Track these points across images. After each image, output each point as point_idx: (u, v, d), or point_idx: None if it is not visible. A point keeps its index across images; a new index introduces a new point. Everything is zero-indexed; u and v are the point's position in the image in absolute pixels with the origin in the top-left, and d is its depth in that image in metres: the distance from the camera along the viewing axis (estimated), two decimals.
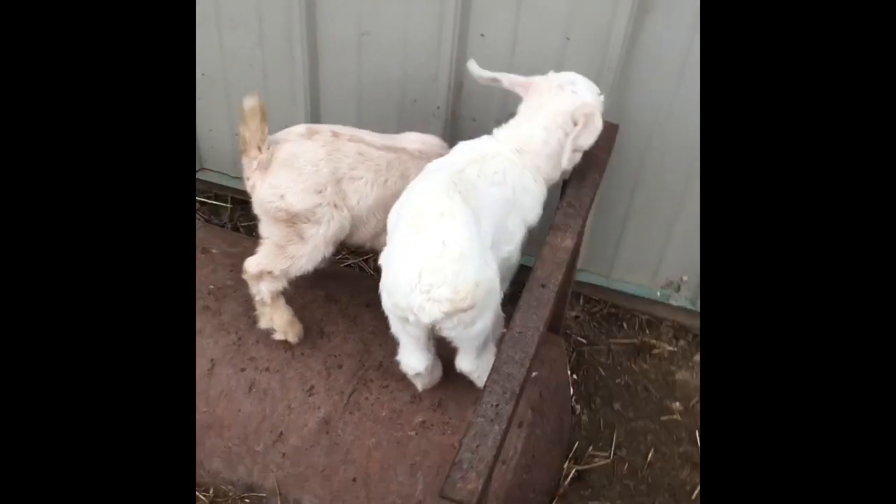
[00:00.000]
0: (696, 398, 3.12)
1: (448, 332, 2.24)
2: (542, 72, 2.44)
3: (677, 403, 3.11)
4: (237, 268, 2.89)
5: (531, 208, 2.39)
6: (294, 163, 2.43)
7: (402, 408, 2.56)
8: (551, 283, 2.24)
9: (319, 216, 2.47)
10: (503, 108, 2.82)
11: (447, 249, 2.09)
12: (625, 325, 3.34)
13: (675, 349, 3.26)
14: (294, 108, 3.17)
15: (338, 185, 2.47)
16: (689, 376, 3.19)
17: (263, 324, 2.63)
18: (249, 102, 2.35)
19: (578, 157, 2.39)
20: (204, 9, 3.03)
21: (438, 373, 2.52)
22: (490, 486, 2.12)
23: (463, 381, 2.47)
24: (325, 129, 2.50)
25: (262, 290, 2.57)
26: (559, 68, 2.72)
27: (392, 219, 2.28)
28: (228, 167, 3.57)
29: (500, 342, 2.16)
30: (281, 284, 2.57)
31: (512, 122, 2.39)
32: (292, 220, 2.46)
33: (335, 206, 2.48)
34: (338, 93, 3.10)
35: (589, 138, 2.33)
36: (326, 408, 2.59)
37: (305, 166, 2.43)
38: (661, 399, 3.12)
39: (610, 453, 2.95)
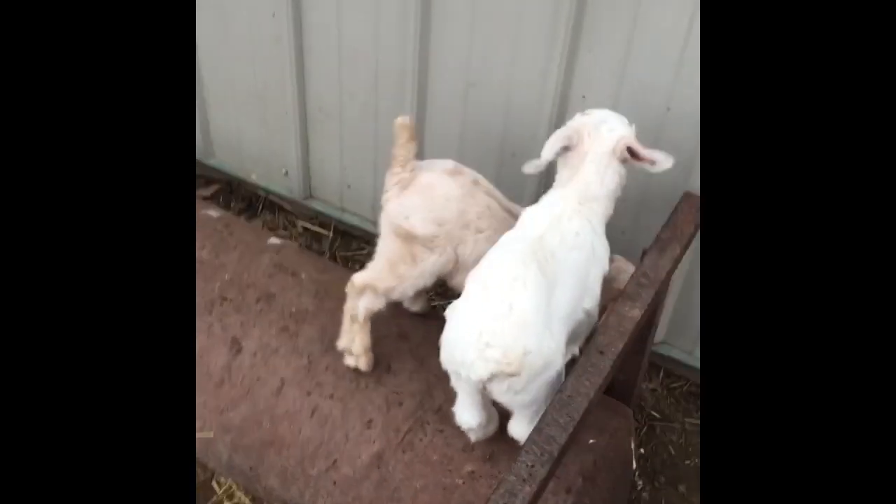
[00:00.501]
0: None
1: (499, 396, 2.25)
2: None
3: None
4: (321, 294, 3.01)
5: (605, 257, 2.42)
6: (430, 192, 2.55)
7: (453, 454, 2.57)
8: (610, 351, 2.21)
9: (435, 246, 2.56)
10: None
11: (512, 314, 2.12)
12: None
13: None
14: None
15: (461, 228, 2.57)
16: None
17: (343, 343, 2.70)
18: (401, 120, 2.52)
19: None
20: (328, 41, 3.19)
21: (493, 427, 2.52)
22: None
23: None
24: (469, 173, 2.63)
25: (360, 307, 2.65)
26: (657, 139, 2.72)
27: (469, 278, 2.32)
28: (335, 198, 3.73)
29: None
30: (379, 304, 2.64)
31: (560, 178, 2.44)
32: (411, 240, 2.56)
33: (451, 243, 2.58)
34: (441, 142, 3.18)
35: (656, 156, 2.37)
36: (381, 443, 2.63)
37: (439, 198, 2.55)
38: None
39: None
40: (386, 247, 2.65)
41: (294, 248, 3.33)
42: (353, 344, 2.67)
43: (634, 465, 2.91)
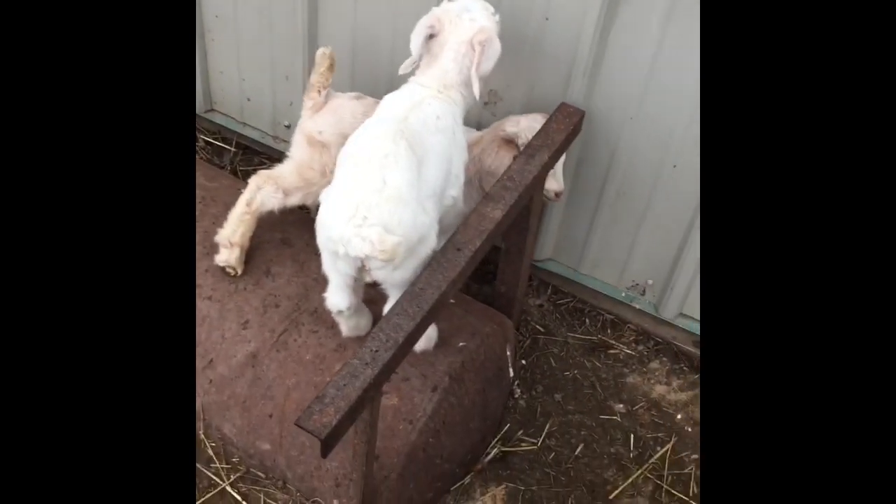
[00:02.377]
0: (642, 403, 3.08)
1: (375, 272, 2.27)
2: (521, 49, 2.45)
3: (621, 405, 3.07)
4: (207, 200, 3.01)
5: (465, 146, 2.48)
6: (340, 112, 2.75)
7: (326, 354, 2.62)
8: (467, 248, 2.26)
9: None
10: None
11: (386, 188, 2.15)
12: (588, 321, 3.31)
13: (633, 353, 3.22)
14: (294, 57, 3.26)
15: None
16: (640, 381, 3.14)
17: (224, 233, 2.73)
18: (323, 50, 2.70)
19: (483, 84, 2.45)
20: None
21: (366, 323, 2.56)
22: (372, 433, 2.17)
23: None
24: (370, 99, 2.80)
25: (257, 199, 2.71)
26: (533, 47, 2.75)
27: (339, 161, 2.35)
28: (236, 112, 3.69)
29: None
30: (276, 202, 2.73)
31: (422, 65, 2.47)
32: (322, 151, 2.72)
33: None
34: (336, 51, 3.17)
35: (488, 64, 2.41)
36: (256, 343, 2.67)
37: (347, 117, 2.74)
38: (605, 398, 3.09)
39: (539, 440, 2.94)
40: (297, 153, 2.79)
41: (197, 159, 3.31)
42: (234, 234, 2.69)
43: (512, 374, 2.98)
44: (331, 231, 2.18)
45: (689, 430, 3.02)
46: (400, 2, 2.91)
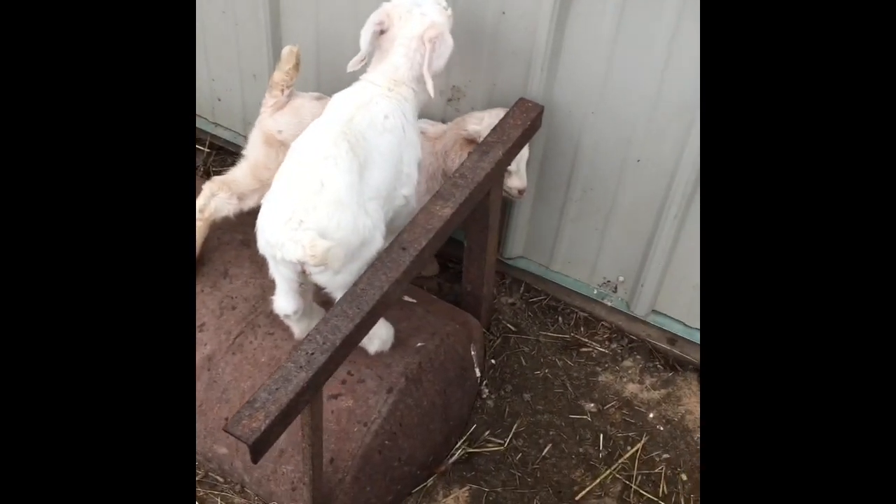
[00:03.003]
0: (613, 402, 3.02)
1: (316, 276, 2.23)
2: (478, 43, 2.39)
3: (592, 405, 3.01)
4: None
5: (418, 143, 2.42)
6: (300, 111, 2.69)
7: (281, 356, 2.58)
8: (412, 248, 2.22)
9: None
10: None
11: (324, 191, 2.11)
12: (561, 319, 3.25)
13: (606, 351, 3.16)
14: (259, 55, 3.24)
15: None
16: (612, 379, 3.08)
17: None
18: (289, 48, 2.64)
19: (439, 82, 2.41)
20: None
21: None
22: (315, 435, 2.13)
23: None
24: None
25: (210, 205, 2.68)
26: (495, 41, 2.69)
27: (282, 164, 2.31)
28: (208, 113, 3.67)
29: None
30: (230, 208, 2.69)
31: (373, 61, 2.42)
32: (282, 148, 2.63)
33: None
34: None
35: (440, 60, 2.36)
36: (212, 346, 2.64)
37: (307, 117, 2.67)
38: (576, 398, 3.03)
39: (506, 441, 2.89)
40: (252, 152, 2.74)
41: None
42: None
43: (479, 374, 2.94)
44: (268, 235, 2.14)
45: (661, 428, 2.96)
46: (359, 1, 2.87)
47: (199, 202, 2.66)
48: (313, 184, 2.10)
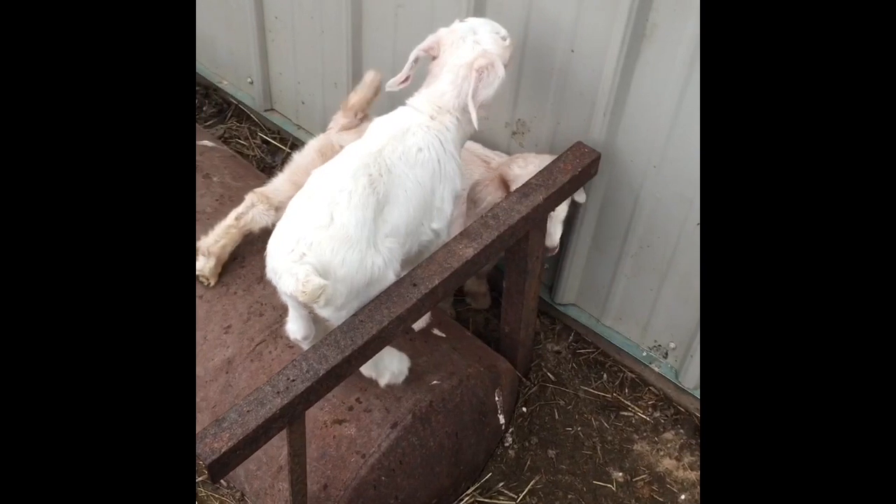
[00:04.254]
0: (644, 475, 2.81)
1: (319, 311, 2.15)
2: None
3: (620, 474, 2.82)
4: (225, 199, 3.01)
5: (457, 175, 2.29)
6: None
7: None
8: (424, 285, 2.12)
9: None
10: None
11: (333, 226, 2.03)
12: (606, 376, 3.07)
13: (648, 418, 2.95)
14: (340, 66, 3.23)
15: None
16: (648, 450, 2.87)
17: (207, 241, 2.67)
18: (371, 75, 2.63)
19: (484, 112, 2.29)
20: None
21: None
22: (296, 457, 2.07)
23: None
24: None
25: (248, 215, 2.65)
26: (563, 78, 2.56)
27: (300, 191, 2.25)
28: (292, 114, 3.70)
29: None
30: (266, 222, 2.64)
31: (423, 86, 2.32)
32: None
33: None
34: (377, 56, 3.10)
35: (488, 90, 2.25)
36: (234, 349, 2.63)
37: None
38: (604, 463, 2.84)
39: (518, 497, 2.74)
40: (298, 158, 2.68)
41: (224, 153, 3.33)
42: (215, 244, 2.66)
43: (502, 421, 2.80)
44: (272, 262, 2.08)
45: None
46: (436, 20, 2.80)
47: (239, 209, 2.65)
48: (323, 217, 2.02)
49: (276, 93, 3.70)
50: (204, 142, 3.30)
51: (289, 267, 2.01)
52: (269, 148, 3.83)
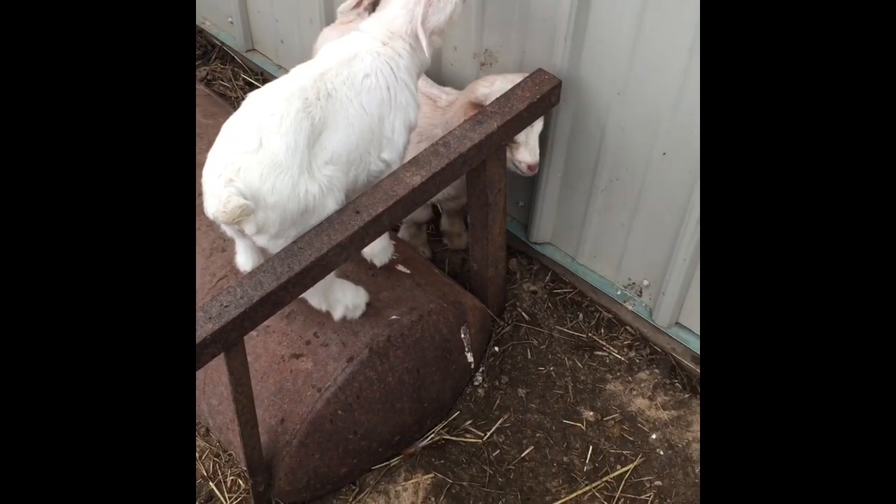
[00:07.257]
0: (615, 415, 2.76)
1: (255, 238, 2.09)
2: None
3: (591, 413, 2.77)
4: (202, 135, 2.97)
5: (411, 105, 2.23)
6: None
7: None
8: (366, 213, 2.08)
9: None
10: None
11: (262, 150, 1.98)
12: (581, 316, 3.01)
13: (623, 358, 2.89)
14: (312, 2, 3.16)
15: None
16: (621, 390, 2.82)
17: None
18: None
19: (438, 40, 2.23)
20: None
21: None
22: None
23: None
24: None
25: None
26: (522, 6, 2.48)
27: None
28: (272, 54, 3.65)
29: None
30: None
31: (376, 11, 2.26)
32: None
33: None
34: None
35: (438, 16, 2.18)
36: (196, 285, 2.61)
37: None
38: (575, 403, 2.80)
39: (486, 435, 2.71)
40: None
41: (199, 92, 3.30)
42: None
43: (470, 359, 2.76)
44: (203, 185, 2.04)
45: (661, 452, 2.68)
46: None
47: None
48: (252, 141, 1.97)
49: (257, 32, 3.64)
50: None
51: (214, 189, 1.97)
52: (251, 89, 3.78)
